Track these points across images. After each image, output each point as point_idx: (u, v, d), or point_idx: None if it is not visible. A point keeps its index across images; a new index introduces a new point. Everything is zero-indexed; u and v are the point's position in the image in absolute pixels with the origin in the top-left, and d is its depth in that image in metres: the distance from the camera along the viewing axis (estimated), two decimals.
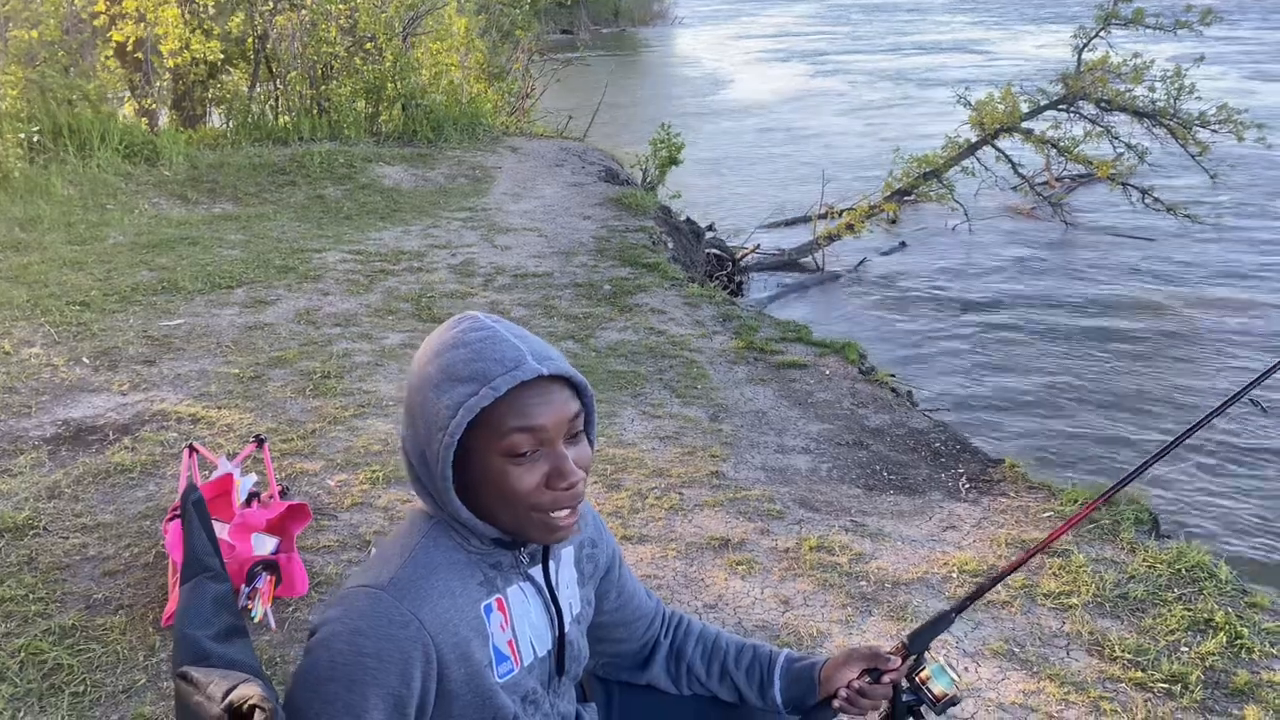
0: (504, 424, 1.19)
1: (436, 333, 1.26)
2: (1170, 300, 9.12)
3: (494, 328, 1.23)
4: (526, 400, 1.19)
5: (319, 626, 1.21)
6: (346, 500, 3.52)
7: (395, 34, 10.76)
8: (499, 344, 1.21)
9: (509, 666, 1.29)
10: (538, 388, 1.20)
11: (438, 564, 1.24)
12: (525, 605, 1.33)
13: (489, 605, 1.28)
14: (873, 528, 3.44)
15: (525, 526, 1.25)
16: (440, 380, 1.21)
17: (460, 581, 1.25)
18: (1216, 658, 2.68)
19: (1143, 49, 10.19)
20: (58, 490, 3.54)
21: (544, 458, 1.22)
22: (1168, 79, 9.97)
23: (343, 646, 1.17)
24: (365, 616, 1.19)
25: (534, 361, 1.20)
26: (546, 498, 1.22)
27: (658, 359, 5.08)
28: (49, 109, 8.26)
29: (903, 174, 10.69)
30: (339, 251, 6.78)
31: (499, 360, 1.19)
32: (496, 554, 1.30)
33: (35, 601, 2.89)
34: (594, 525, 1.50)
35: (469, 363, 1.20)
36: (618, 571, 1.53)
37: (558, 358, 1.24)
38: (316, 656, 1.19)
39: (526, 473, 1.21)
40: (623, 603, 1.55)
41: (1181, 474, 5.81)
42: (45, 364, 4.68)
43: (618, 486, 3.68)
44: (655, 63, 31.53)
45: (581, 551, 1.46)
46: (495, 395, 1.17)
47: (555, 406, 1.21)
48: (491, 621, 1.27)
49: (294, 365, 4.78)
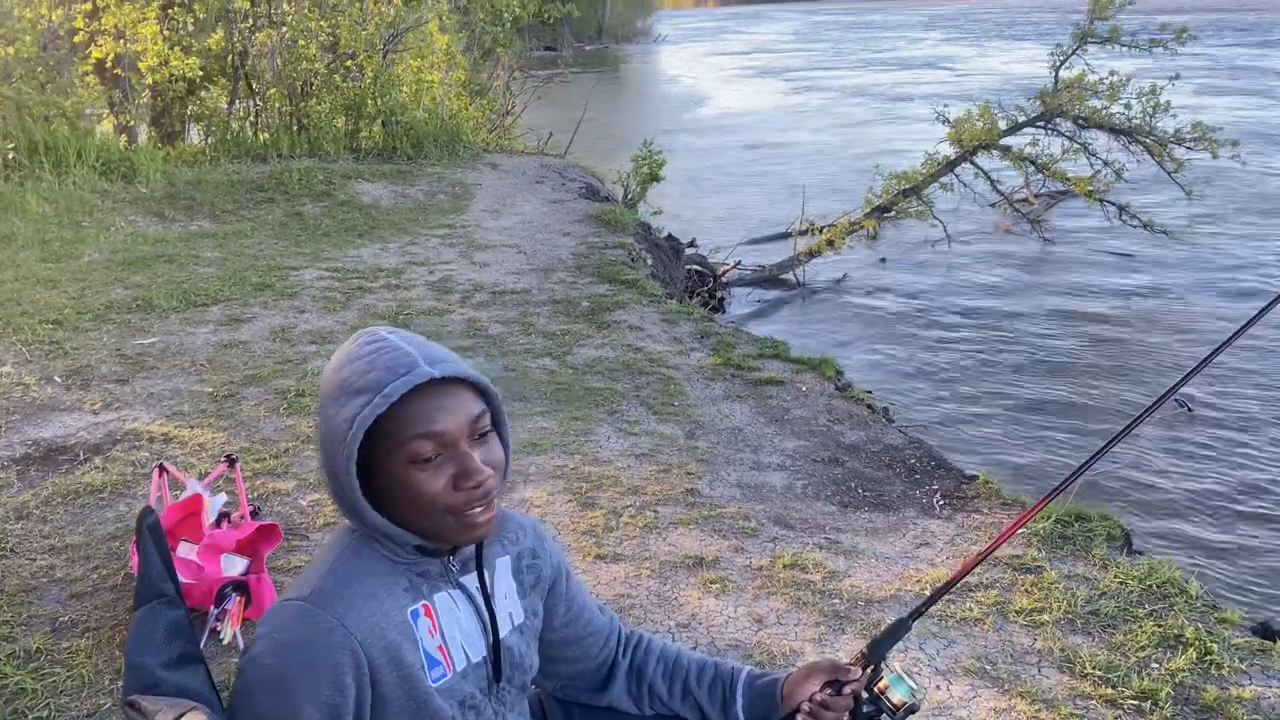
0: (402, 431, 1.20)
1: (337, 351, 1.28)
2: (1147, 315, 9.20)
3: (388, 338, 1.25)
4: (422, 405, 1.20)
5: (250, 645, 1.22)
6: (319, 520, 3.50)
7: (376, 51, 10.77)
8: (391, 352, 1.22)
9: (442, 670, 1.29)
10: (433, 391, 1.21)
11: (360, 572, 1.26)
12: (454, 612, 1.33)
13: (415, 610, 1.28)
14: (847, 545, 3.44)
15: (442, 529, 1.26)
16: (337, 395, 1.22)
17: (385, 588, 1.26)
18: (1186, 674, 2.69)
19: (1119, 66, 10.30)
20: (26, 511, 3.50)
21: (449, 460, 1.23)
22: (1143, 97, 10.09)
23: (271, 661, 1.18)
24: (291, 629, 1.20)
25: (425, 365, 1.21)
26: (458, 498, 1.23)
27: (635, 376, 5.07)
28: (25, 126, 8.22)
29: (883, 190, 10.76)
30: (316, 269, 6.76)
31: (390, 368, 1.20)
32: (423, 563, 1.31)
33: (0, 625, 2.85)
34: (535, 536, 1.50)
35: (362, 374, 1.21)
36: (565, 584, 1.53)
37: (452, 360, 1.25)
38: (248, 674, 1.20)
39: (432, 477, 1.22)
40: (573, 617, 1.54)
41: (1154, 490, 5.84)
42: (16, 383, 4.63)
43: (592, 504, 3.67)
44: (637, 80, 31.67)
45: (521, 562, 1.47)
46: (389, 402, 1.18)
47: (453, 409, 1.22)
48: (419, 627, 1.28)
49: (269, 384, 4.76)
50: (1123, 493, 5.73)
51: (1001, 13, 47.74)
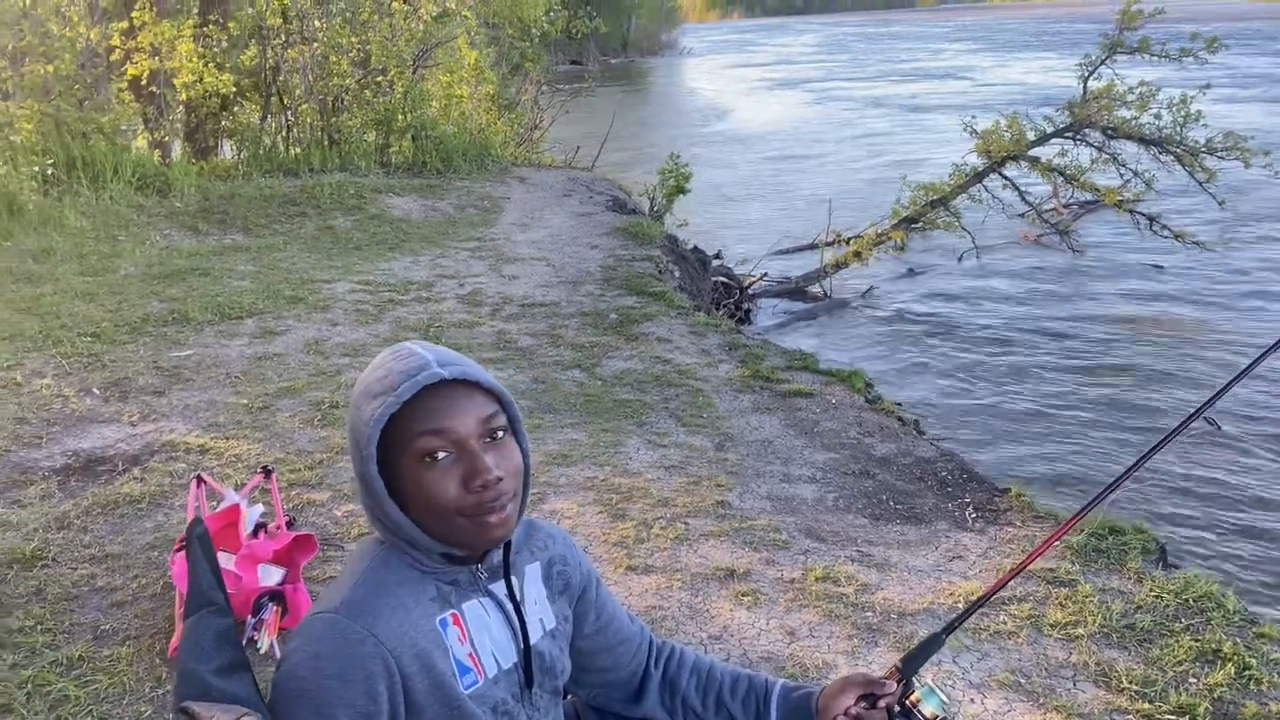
0: (411, 428, 1.24)
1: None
2: (1179, 327, 9.11)
3: (409, 347, 1.30)
4: (431, 404, 1.24)
5: (283, 659, 1.24)
6: (353, 530, 3.53)
7: (406, 66, 10.88)
8: (408, 358, 1.27)
9: (473, 678, 1.31)
10: (444, 392, 1.25)
11: (388, 582, 1.28)
12: (484, 619, 1.35)
13: (444, 619, 1.30)
14: (879, 558, 3.43)
15: (456, 533, 1.28)
16: (360, 402, 1.27)
17: (413, 597, 1.28)
18: (1225, 689, 2.66)
19: (1143, 76, 10.23)
20: (67, 521, 3.56)
21: (458, 461, 1.25)
22: (1174, 106, 10.01)
23: (305, 673, 1.20)
24: (323, 640, 1.22)
25: (437, 367, 1.25)
26: (469, 500, 1.25)
27: (663, 388, 5.09)
28: (63, 142, 8.37)
29: (910, 202, 10.72)
30: (348, 282, 6.83)
31: (404, 371, 1.25)
32: (451, 571, 1.33)
33: (43, 632, 2.90)
34: (564, 543, 1.53)
35: (381, 379, 1.26)
36: (594, 592, 1.54)
37: (465, 363, 1.28)
38: (283, 688, 1.22)
39: (442, 477, 1.24)
40: (602, 625, 1.55)
41: (1189, 503, 5.78)
42: (56, 395, 4.71)
43: (623, 516, 3.68)
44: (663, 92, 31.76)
45: (551, 569, 1.48)
46: (400, 401, 1.22)
47: (462, 408, 1.25)
48: (448, 635, 1.30)
49: (303, 395, 4.81)
50: (1156, 506, 5.67)
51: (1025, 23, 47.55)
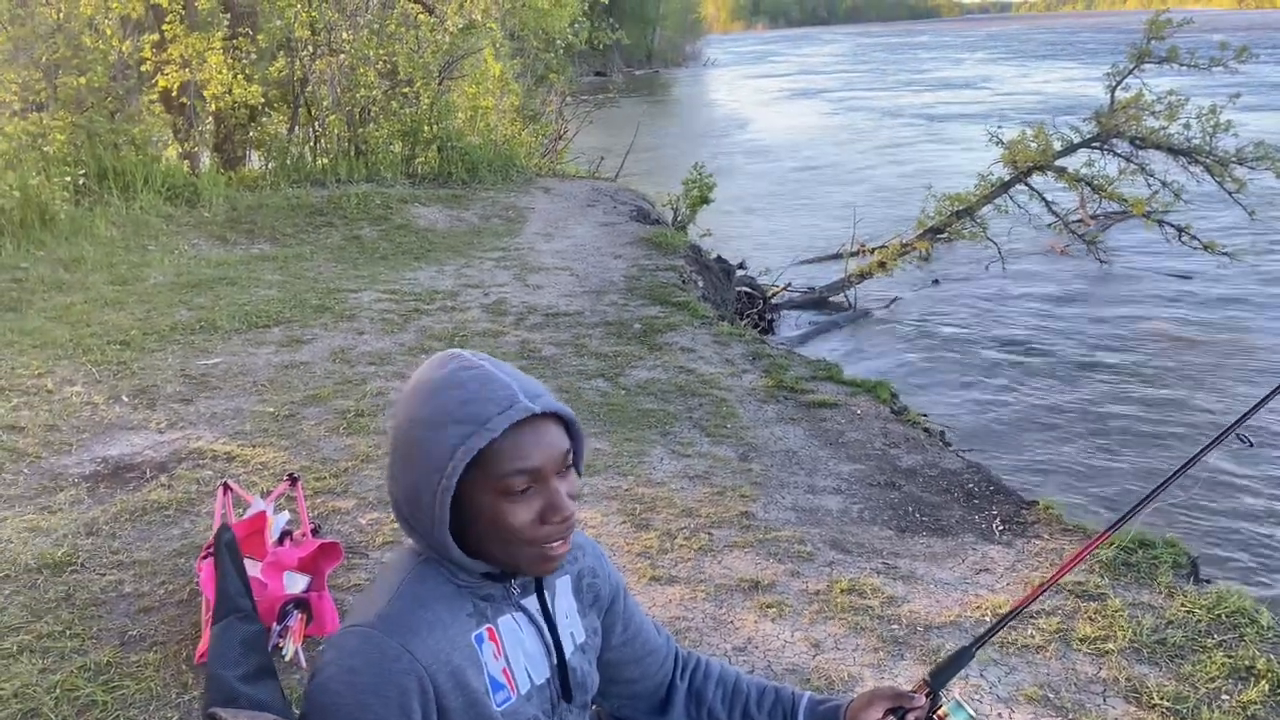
0: (500, 465, 1.20)
1: (425, 372, 1.27)
2: (1210, 337, 9.00)
3: (484, 365, 1.25)
4: (521, 440, 1.21)
5: (316, 672, 1.22)
6: (378, 538, 3.54)
7: (432, 78, 10.96)
8: (491, 383, 1.22)
9: (506, 694, 1.30)
10: (531, 426, 1.22)
11: (425, 597, 1.26)
12: (518, 635, 1.34)
13: (480, 635, 1.29)
14: (905, 570, 3.40)
15: (519, 560, 1.27)
16: (434, 421, 1.22)
17: (449, 613, 1.26)
18: (1258, 706, 2.62)
19: (1184, 86, 10.14)
20: (96, 527, 3.59)
21: (537, 494, 1.23)
22: (1203, 116, 9.92)
23: (340, 688, 1.19)
24: (358, 655, 1.20)
25: (526, 400, 1.21)
26: (542, 532, 1.24)
27: (687, 398, 5.08)
28: (95, 153, 8.49)
29: (935, 212, 10.69)
30: (374, 291, 6.87)
31: (493, 400, 1.21)
32: (486, 587, 1.32)
33: (71, 638, 2.92)
34: (593, 555, 1.51)
35: (463, 404, 1.21)
36: (622, 604, 1.53)
37: (547, 394, 1.25)
38: (316, 701, 1.20)
39: (521, 510, 1.22)
40: (630, 636, 1.54)
41: (1221, 516, 5.70)
42: (86, 402, 4.77)
43: (647, 526, 3.67)
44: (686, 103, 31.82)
45: (581, 581, 1.47)
46: (492, 436, 1.19)
47: (547, 445, 1.23)
48: (484, 651, 1.28)
49: (328, 404, 4.84)
50: (1187, 520, 5.59)
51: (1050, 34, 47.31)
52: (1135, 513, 1.66)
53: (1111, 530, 1.73)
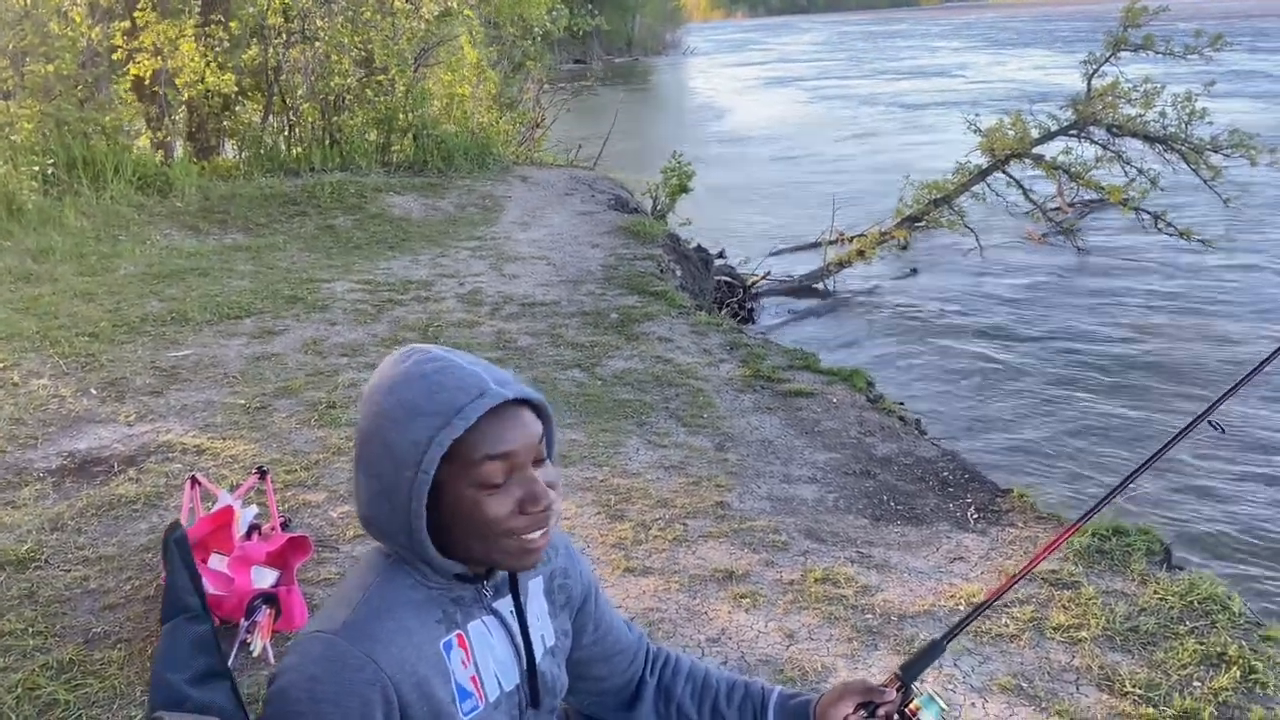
0: (475, 454, 1.17)
1: (385, 370, 1.23)
2: (1184, 327, 9.05)
3: (447, 356, 1.21)
4: (495, 428, 1.17)
5: (276, 675, 1.18)
6: (349, 532, 3.50)
7: (408, 65, 10.86)
8: (457, 372, 1.19)
9: (473, 704, 1.26)
10: (504, 413, 1.18)
11: (393, 603, 1.22)
12: (488, 640, 1.30)
13: (449, 642, 1.25)
14: (879, 559, 3.40)
15: (497, 554, 1.22)
16: (401, 416, 1.17)
17: (417, 620, 1.23)
18: (1230, 693, 2.62)
19: (1157, 74, 10.18)
20: (60, 523, 3.53)
21: (515, 484, 1.20)
22: (1179, 104, 9.96)
23: (300, 695, 1.15)
24: (320, 663, 1.16)
25: (497, 386, 1.18)
26: (521, 522, 1.20)
27: (664, 387, 5.06)
28: (64, 142, 8.36)
29: (914, 200, 10.69)
30: (347, 281, 6.80)
31: (463, 389, 1.17)
32: (457, 589, 1.28)
33: (34, 636, 2.87)
34: (566, 554, 1.47)
35: (430, 395, 1.17)
36: (594, 602, 1.50)
37: (516, 381, 1.22)
38: (276, 706, 1.16)
39: (500, 501, 1.19)
40: (600, 635, 1.51)
41: (1194, 504, 5.73)
42: (53, 395, 4.69)
43: (621, 517, 3.65)
44: (666, 92, 31.75)
45: (553, 582, 1.44)
46: (466, 425, 1.15)
47: (523, 431, 1.20)
48: (452, 659, 1.25)
49: (300, 396, 4.78)
50: (1161, 507, 5.62)
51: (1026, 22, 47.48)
52: (1106, 502, 1.65)
53: (1083, 521, 1.73)
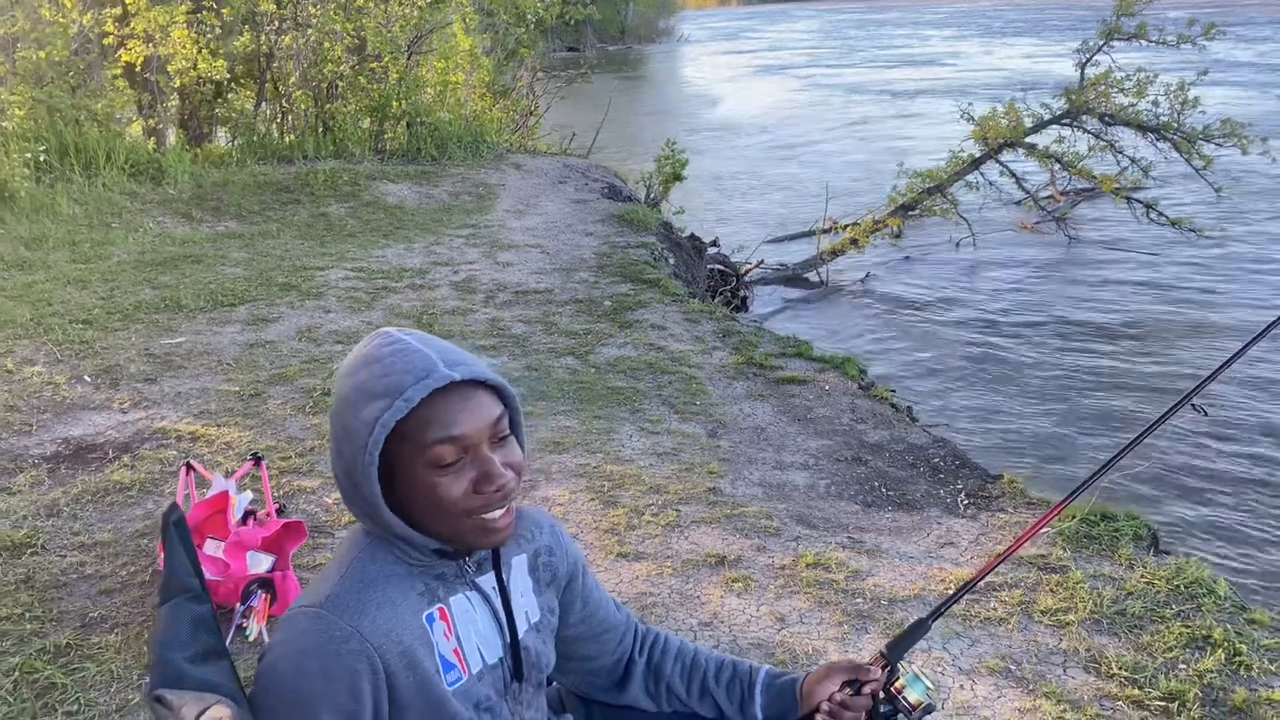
0: (424, 436, 1.19)
1: (352, 353, 1.26)
2: (1175, 315, 9.09)
3: (405, 339, 1.23)
4: (443, 409, 1.19)
5: (266, 651, 1.21)
6: (344, 518, 3.52)
7: (401, 52, 10.83)
8: (409, 355, 1.21)
9: (457, 674, 1.29)
10: (454, 395, 1.20)
11: (375, 577, 1.25)
12: (470, 614, 1.33)
13: (431, 615, 1.28)
14: (870, 544, 3.43)
15: (461, 533, 1.25)
16: (355, 399, 1.21)
17: (400, 592, 1.25)
18: (1214, 675, 2.66)
19: (1146, 62, 10.19)
20: (56, 509, 3.55)
21: (470, 464, 1.22)
22: (1171, 93, 9.97)
23: (288, 669, 1.18)
24: (307, 636, 1.19)
25: (445, 368, 1.19)
26: (476, 502, 1.22)
27: (657, 375, 5.08)
28: (56, 128, 8.32)
29: (906, 189, 10.69)
30: (341, 269, 6.81)
31: (409, 370, 1.19)
32: (439, 565, 1.30)
33: (31, 620, 2.89)
34: (551, 533, 1.50)
35: (381, 378, 1.19)
36: (581, 581, 1.52)
37: (471, 362, 1.23)
38: (265, 682, 1.20)
39: (453, 481, 1.21)
40: (588, 614, 1.54)
41: (1182, 489, 5.78)
42: (47, 382, 4.70)
43: (615, 503, 3.67)
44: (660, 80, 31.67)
45: (538, 559, 1.46)
46: (409, 407, 1.17)
47: (474, 412, 1.21)
48: (435, 631, 1.27)
49: (294, 383, 4.80)
50: (1150, 493, 5.67)
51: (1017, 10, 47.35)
52: (1090, 483, 1.68)
53: (1067, 501, 1.75)
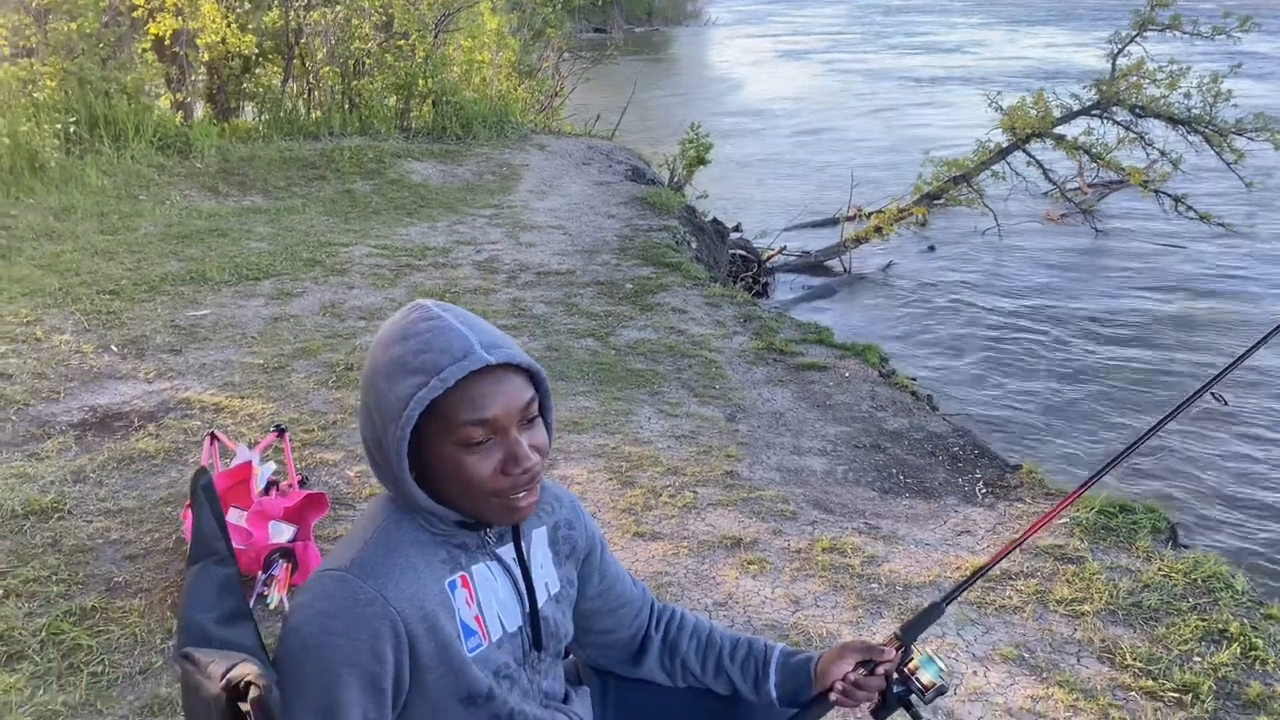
0: (456, 416, 1.21)
1: (388, 323, 1.28)
2: (1201, 308, 9.01)
3: (443, 316, 1.25)
4: (477, 391, 1.21)
5: (291, 613, 1.25)
6: (365, 490, 3.56)
7: (428, 30, 10.83)
8: (447, 333, 1.23)
9: (477, 641, 1.32)
10: (488, 377, 1.22)
11: (400, 543, 1.28)
12: (492, 583, 1.35)
13: (453, 582, 1.31)
14: (886, 530, 3.43)
15: (484, 511, 1.28)
16: (391, 371, 1.23)
17: (423, 559, 1.28)
18: (1229, 668, 2.66)
19: (1176, 54, 10.06)
20: (83, 475, 3.61)
21: (498, 445, 1.25)
22: (1204, 86, 9.85)
23: (313, 629, 1.21)
24: (332, 598, 1.22)
25: (482, 351, 1.22)
26: (504, 483, 1.25)
27: (677, 358, 5.09)
28: (86, 100, 8.38)
29: (932, 177, 10.63)
30: (365, 246, 6.84)
31: (447, 350, 1.21)
32: (461, 535, 1.33)
33: (58, 583, 2.95)
34: (570, 508, 1.52)
35: (418, 354, 1.22)
36: (599, 556, 1.55)
37: (507, 345, 1.25)
38: (290, 641, 1.23)
39: (481, 461, 1.24)
40: (606, 588, 1.56)
41: (1203, 482, 5.75)
42: (74, 351, 4.76)
43: (632, 484, 3.69)
44: (686, 62, 31.51)
45: (557, 532, 1.49)
46: (444, 387, 1.19)
47: (506, 395, 1.23)
48: (456, 597, 1.30)
49: (317, 357, 4.84)
50: (1169, 485, 5.64)
51: None
52: (1104, 473, 1.68)
53: (1080, 491, 1.76)
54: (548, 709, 1.43)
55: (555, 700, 1.48)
